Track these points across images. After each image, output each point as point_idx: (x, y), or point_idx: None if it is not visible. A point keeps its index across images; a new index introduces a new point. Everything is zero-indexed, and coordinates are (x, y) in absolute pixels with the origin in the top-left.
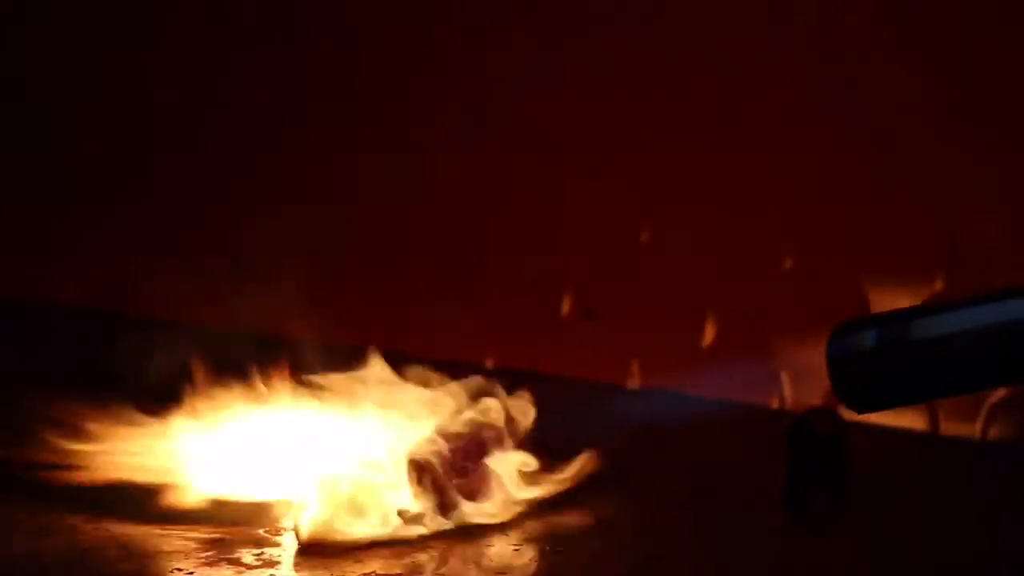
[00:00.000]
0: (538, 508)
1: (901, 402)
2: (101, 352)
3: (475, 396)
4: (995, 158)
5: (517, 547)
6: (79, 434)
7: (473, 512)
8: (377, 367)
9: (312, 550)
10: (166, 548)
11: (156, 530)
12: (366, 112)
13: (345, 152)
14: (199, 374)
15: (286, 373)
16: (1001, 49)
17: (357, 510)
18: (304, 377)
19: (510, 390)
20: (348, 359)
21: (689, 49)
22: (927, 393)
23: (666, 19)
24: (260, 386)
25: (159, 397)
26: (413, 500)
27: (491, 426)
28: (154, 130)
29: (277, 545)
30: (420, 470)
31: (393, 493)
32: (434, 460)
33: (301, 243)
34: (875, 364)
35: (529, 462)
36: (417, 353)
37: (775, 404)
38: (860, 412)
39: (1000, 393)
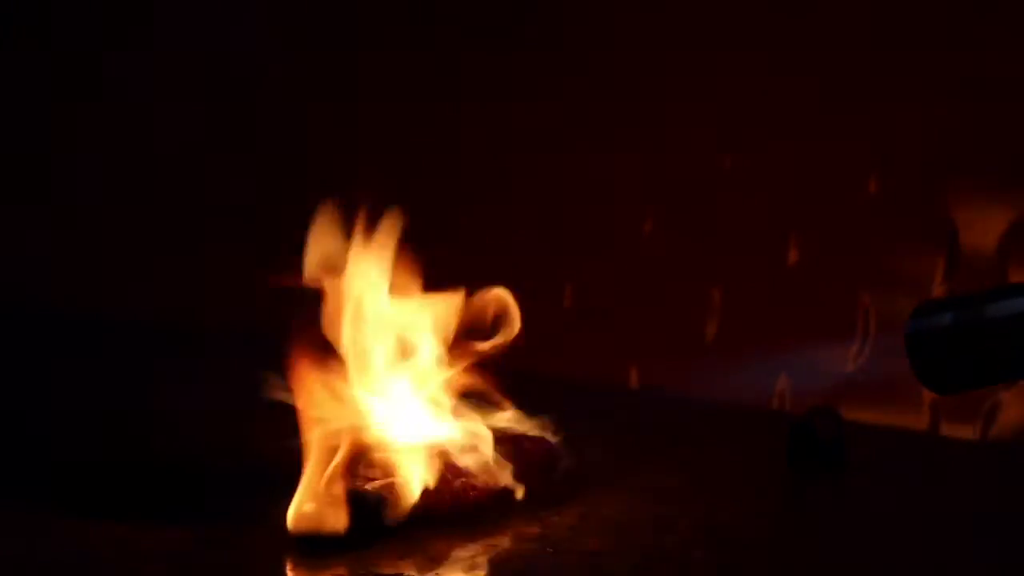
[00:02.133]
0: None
1: (977, 382)
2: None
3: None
4: (996, 158)
5: (517, 547)
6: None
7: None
8: None
9: (311, 549)
10: (166, 548)
11: (156, 530)
12: (366, 109)
13: (345, 151)
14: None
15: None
16: (1002, 48)
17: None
18: None
19: (507, 391)
20: None
21: (690, 49)
22: (1003, 373)
23: (667, 18)
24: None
25: None
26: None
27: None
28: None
29: (278, 545)
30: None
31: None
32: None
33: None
34: (951, 344)
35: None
36: None
37: (775, 404)
38: (939, 392)
39: (1000, 393)
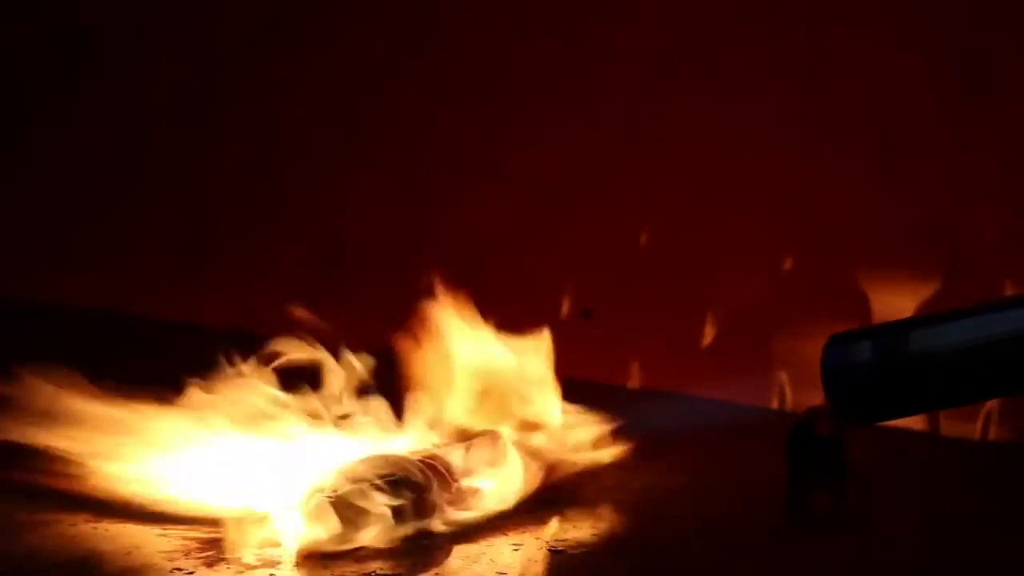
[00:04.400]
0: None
1: (899, 414)
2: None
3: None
4: (995, 158)
5: (517, 547)
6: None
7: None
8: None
9: (312, 554)
10: (166, 548)
11: (156, 530)
12: (365, 111)
13: (345, 152)
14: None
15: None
16: (1002, 48)
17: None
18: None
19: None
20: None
21: (689, 49)
22: (925, 405)
23: (666, 19)
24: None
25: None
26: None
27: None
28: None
29: (277, 545)
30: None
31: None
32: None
33: (301, 242)
34: (872, 377)
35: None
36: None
37: (775, 405)
38: (857, 424)
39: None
